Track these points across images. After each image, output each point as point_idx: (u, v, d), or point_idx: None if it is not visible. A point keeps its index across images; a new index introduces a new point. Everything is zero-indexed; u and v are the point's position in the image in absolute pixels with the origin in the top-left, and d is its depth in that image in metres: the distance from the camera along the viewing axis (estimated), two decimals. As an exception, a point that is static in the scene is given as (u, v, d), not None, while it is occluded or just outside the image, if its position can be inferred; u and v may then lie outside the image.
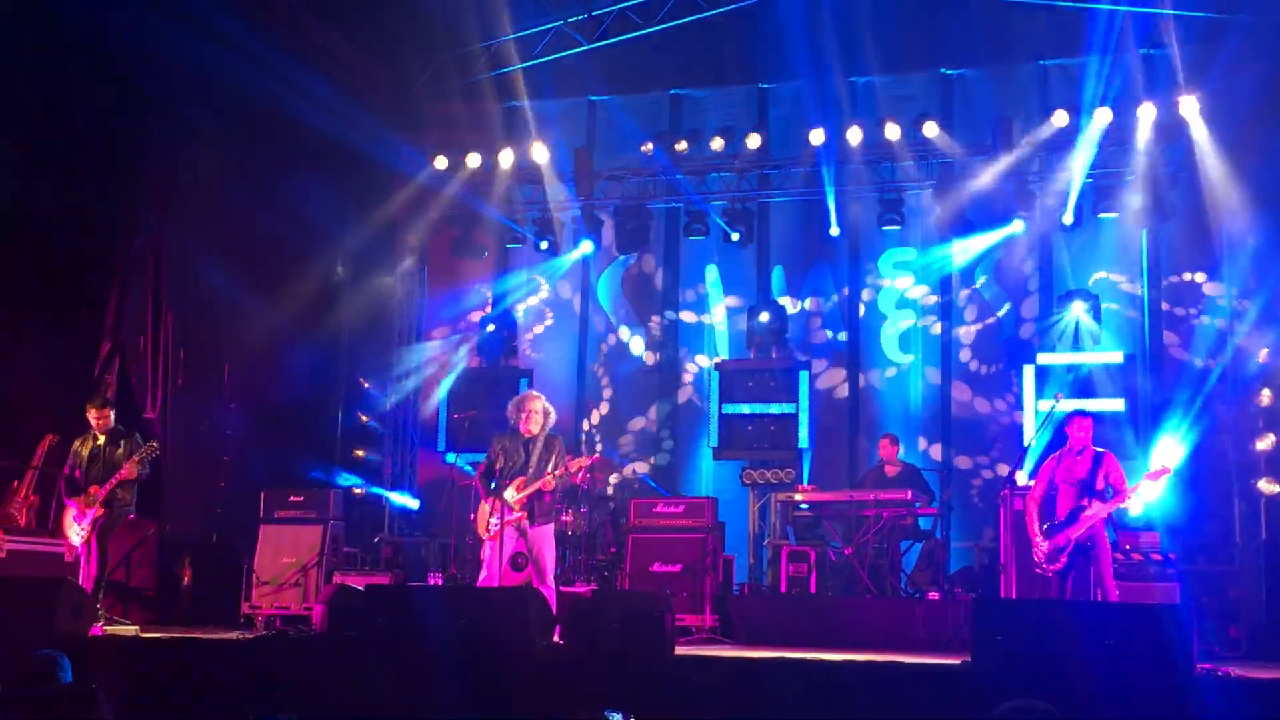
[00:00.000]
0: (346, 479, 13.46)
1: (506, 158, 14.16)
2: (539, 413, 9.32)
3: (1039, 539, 9.00)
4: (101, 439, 9.96)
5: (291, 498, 12.08)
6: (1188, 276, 13.04)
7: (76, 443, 10.07)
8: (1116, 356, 12.61)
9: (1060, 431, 9.44)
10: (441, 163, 14.22)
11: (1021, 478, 10.41)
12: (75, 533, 9.84)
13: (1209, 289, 12.85)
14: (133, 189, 12.10)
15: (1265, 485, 10.99)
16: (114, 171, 11.83)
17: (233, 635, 9.55)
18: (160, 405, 12.01)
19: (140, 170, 12.15)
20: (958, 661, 7.67)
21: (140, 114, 11.93)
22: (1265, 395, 11.13)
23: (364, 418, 14.32)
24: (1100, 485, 8.92)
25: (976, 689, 6.84)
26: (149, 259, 12.15)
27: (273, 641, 9.11)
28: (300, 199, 13.21)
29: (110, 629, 9.56)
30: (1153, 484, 9.11)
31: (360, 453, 14.25)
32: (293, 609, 11.42)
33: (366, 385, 14.41)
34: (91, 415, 9.98)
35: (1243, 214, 11.71)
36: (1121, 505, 9.11)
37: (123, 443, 9.96)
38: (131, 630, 9.81)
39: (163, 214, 12.27)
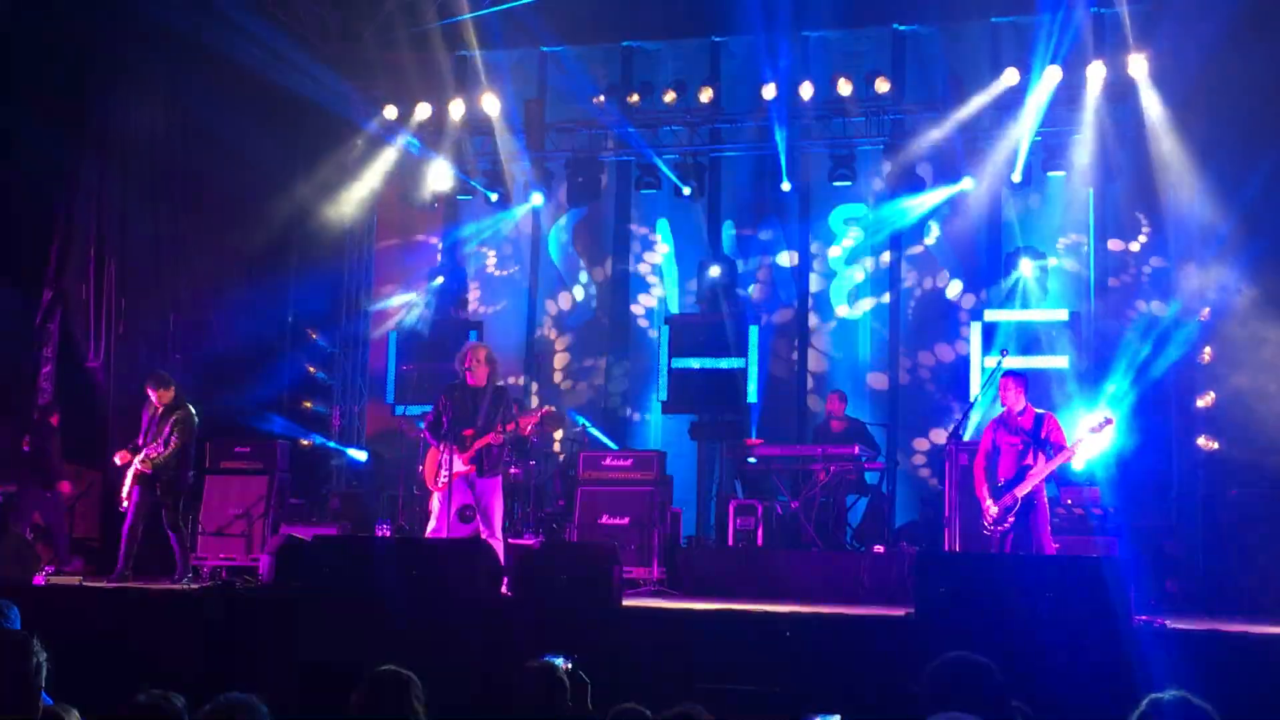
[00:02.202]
0: (294, 430, 13.38)
1: (457, 108, 14.00)
2: (484, 363, 9.32)
3: (988, 502, 9.09)
4: (156, 413, 10.32)
5: (237, 449, 12.00)
6: (1133, 235, 13.17)
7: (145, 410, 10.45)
8: (1062, 314, 12.75)
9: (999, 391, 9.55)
10: (391, 112, 14.04)
11: (967, 434, 10.51)
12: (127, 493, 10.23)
13: (1154, 247, 12.99)
14: (74, 136, 11.88)
15: (1204, 442, 11.16)
16: (54, 119, 11.60)
17: (177, 586, 9.51)
18: (103, 354, 11.87)
19: (81, 117, 11.94)
20: (901, 613, 7.77)
21: (81, 60, 11.70)
22: (1206, 353, 11.28)
23: (312, 369, 14.22)
24: (1044, 438, 9.02)
25: (919, 639, 6.94)
26: (90, 207, 11.97)
27: (218, 592, 9.05)
28: (247, 147, 13.02)
29: (54, 579, 9.50)
30: (1096, 437, 9.20)
31: (308, 404, 14.16)
32: (238, 560, 11.38)
33: (314, 336, 14.29)
34: (151, 394, 10.34)
35: (1188, 173, 11.82)
36: (1066, 461, 9.23)
37: (173, 416, 10.25)
38: (75, 580, 9.75)
39: (104, 161, 12.07)
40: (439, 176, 14.42)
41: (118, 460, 10.25)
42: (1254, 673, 6.56)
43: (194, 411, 10.45)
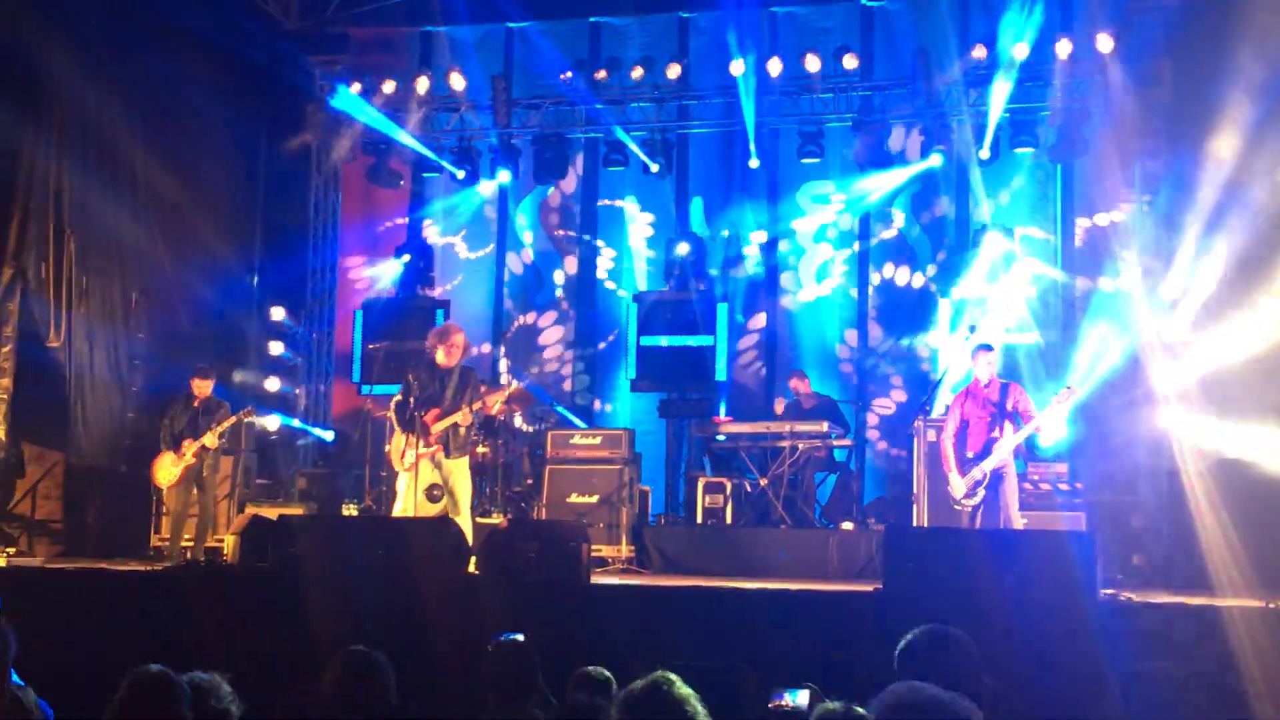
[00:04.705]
0: (259, 410, 13.27)
1: (422, 85, 13.88)
2: (460, 346, 9.30)
3: (955, 477, 9.11)
4: (197, 404, 10.70)
5: (202, 429, 11.88)
6: (1100, 210, 13.18)
7: (181, 400, 10.78)
8: (1030, 291, 12.79)
9: (968, 365, 9.58)
10: (356, 89, 13.91)
11: (935, 410, 10.53)
12: (164, 476, 10.58)
13: (1121, 223, 13.01)
14: (32, 112, 11.70)
15: (1170, 417, 11.22)
16: (12, 95, 11.41)
17: (141, 567, 9.42)
18: (64, 333, 11.72)
19: (40, 93, 11.74)
20: (869, 589, 7.78)
21: (39, 36, 11.50)
22: (1172, 328, 11.33)
23: (277, 348, 14.10)
24: (1010, 411, 9.05)
25: (887, 614, 6.94)
26: (49, 184, 11.79)
27: (183, 573, 8.97)
28: (209, 124, 12.90)
29: (16, 561, 9.41)
30: (1060, 407, 9.23)
31: (273, 383, 14.05)
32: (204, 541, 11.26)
33: (280, 316, 14.17)
34: (195, 386, 10.72)
35: (1154, 148, 11.86)
36: (1032, 432, 9.25)
37: (217, 412, 10.69)
38: (37, 562, 9.66)
39: (64, 138, 11.88)
40: (403, 153, 14.30)
41: (186, 454, 10.48)
42: (1217, 645, 6.60)
43: None
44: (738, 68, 13.05)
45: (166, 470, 10.53)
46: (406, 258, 14.31)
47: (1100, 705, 4.35)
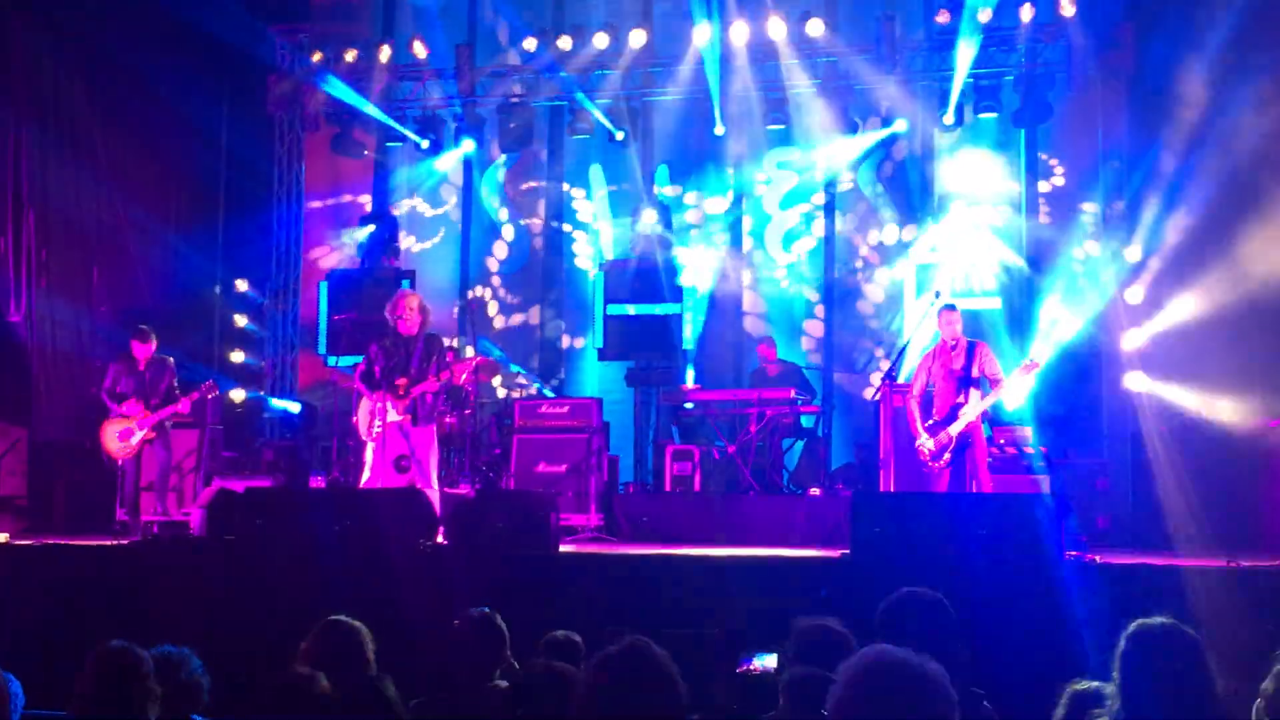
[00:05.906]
0: (225, 383, 13.20)
1: (385, 53, 13.76)
2: (415, 311, 9.25)
3: (923, 437, 9.17)
4: (142, 367, 10.33)
5: (167, 402, 11.80)
6: (1065, 175, 13.23)
7: (122, 362, 10.43)
8: (994, 255, 12.83)
9: (933, 329, 9.62)
10: (318, 58, 13.77)
11: (901, 375, 10.57)
12: (116, 446, 10.27)
13: (1085, 187, 13.07)
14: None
15: (1134, 380, 11.32)
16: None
17: (108, 541, 9.36)
18: (25, 308, 11.61)
19: (-3, 63, 11.61)
20: (837, 554, 7.83)
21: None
22: (1135, 292, 11.42)
23: (242, 320, 14.01)
24: (976, 377, 9.11)
25: (854, 579, 7.00)
26: (8, 156, 11.65)
27: (149, 547, 8.92)
28: (170, 94, 12.75)
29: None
30: (1024, 377, 9.28)
31: (239, 356, 13.97)
32: (170, 514, 11.21)
33: (244, 287, 14.08)
34: (135, 348, 10.34)
35: (1117, 111, 11.91)
36: (997, 399, 9.31)
37: (166, 372, 10.36)
38: (2, 538, 9.59)
39: (22, 109, 11.74)
40: (367, 123, 14.19)
41: (137, 427, 10.22)
42: (1180, 604, 6.67)
43: None
44: (702, 34, 12.99)
45: (115, 440, 10.31)
46: (371, 228, 14.22)
47: (1066, 664, 4.39)
